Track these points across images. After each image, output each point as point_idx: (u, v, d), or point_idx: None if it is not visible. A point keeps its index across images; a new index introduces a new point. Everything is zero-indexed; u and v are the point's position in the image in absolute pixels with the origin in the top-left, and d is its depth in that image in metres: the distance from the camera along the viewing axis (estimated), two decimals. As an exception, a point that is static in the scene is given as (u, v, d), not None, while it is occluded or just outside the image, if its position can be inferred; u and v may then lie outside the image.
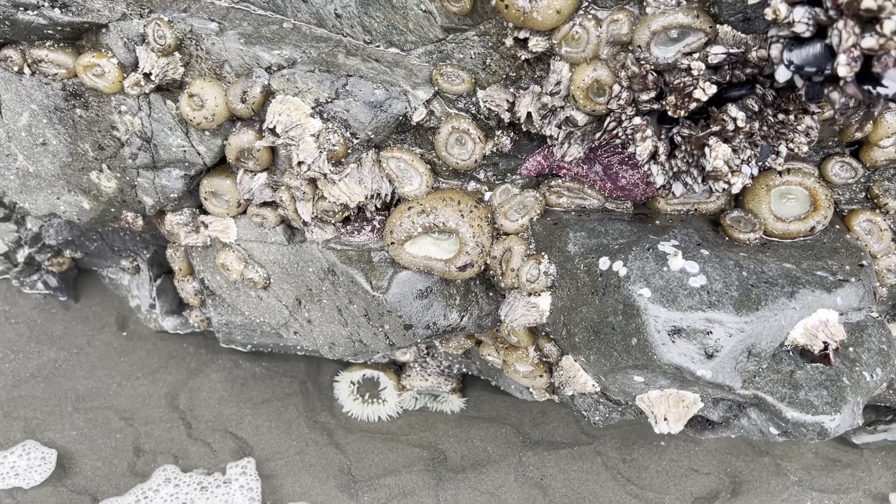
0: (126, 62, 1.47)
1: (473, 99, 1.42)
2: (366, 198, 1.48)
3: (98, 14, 1.43)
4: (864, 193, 1.46)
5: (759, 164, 1.24)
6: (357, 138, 1.41)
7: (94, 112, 1.56)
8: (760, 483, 2.04)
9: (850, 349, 1.31)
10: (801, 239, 1.40)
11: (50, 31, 1.44)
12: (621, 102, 1.21)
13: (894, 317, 1.58)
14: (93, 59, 1.46)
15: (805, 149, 1.21)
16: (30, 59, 1.49)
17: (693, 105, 1.13)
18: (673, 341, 1.24)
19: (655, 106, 1.20)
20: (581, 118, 1.32)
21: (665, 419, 1.39)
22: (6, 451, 2.11)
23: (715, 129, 1.14)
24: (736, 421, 1.43)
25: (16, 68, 1.50)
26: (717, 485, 2.05)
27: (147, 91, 1.47)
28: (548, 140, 1.41)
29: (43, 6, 1.40)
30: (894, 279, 1.47)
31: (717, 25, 1.15)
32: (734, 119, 1.13)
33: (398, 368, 2.28)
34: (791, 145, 1.21)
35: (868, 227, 1.44)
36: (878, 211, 1.45)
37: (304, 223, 1.57)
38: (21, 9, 1.39)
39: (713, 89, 1.11)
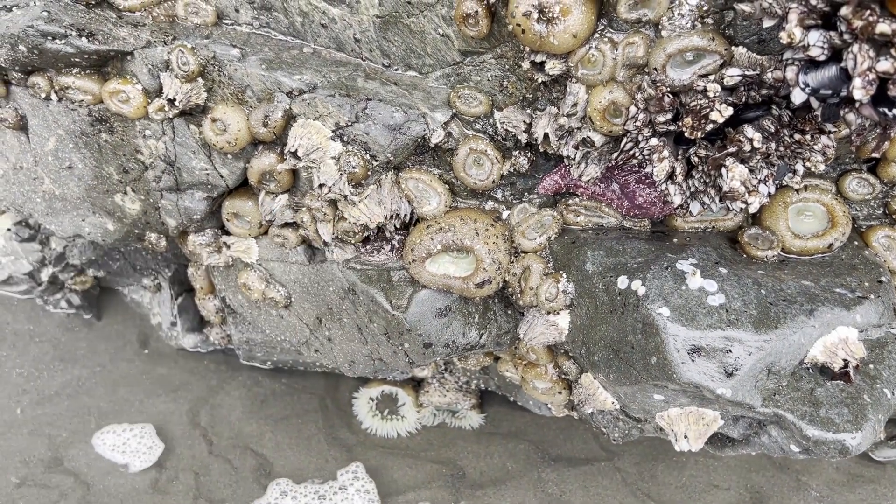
0: (150, 88, 1.50)
1: (491, 120, 1.44)
2: (385, 218, 1.50)
3: (123, 42, 1.47)
4: (882, 209, 1.46)
5: (777, 182, 1.25)
6: (376, 160, 1.43)
7: (118, 136, 1.59)
8: (781, 499, 2.03)
9: (871, 366, 1.31)
10: (820, 256, 1.41)
11: (77, 59, 1.48)
12: (638, 124, 1.23)
13: (915, 332, 1.58)
14: (118, 85, 1.49)
15: (822, 167, 1.22)
16: (57, 86, 1.52)
17: (709, 126, 1.14)
18: (692, 360, 1.25)
19: (672, 127, 1.21)
20: (598, 139, 1.33)
21: (685, 437, 1.39)
22: (131, 426, 2.24)
23: (731, 149, 1.15)
24: (756, 438, 1.43)
25: (43, 95, 1.54)
26: (738, 501, 2.04)
27: (171, 116, 1.50)
28: (565, 160, 1.43)
29: (70, 35, 1.43)
30: (914, 295, 1.46)
31: (733, 47, 1.16)
32: (750, 140, 1.14)
33: (416, 384, 2.29)
34: (808, 164, 1.22)
35: (887, 243, 1.44)
36: (896, 227, 1.45)
37: (325, 243, 1.59)
38: (49, 38, 1.43)
39: (729, 111, 1.12)
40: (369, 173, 1.44)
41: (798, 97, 1.04)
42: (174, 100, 1.46)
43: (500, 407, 2.32)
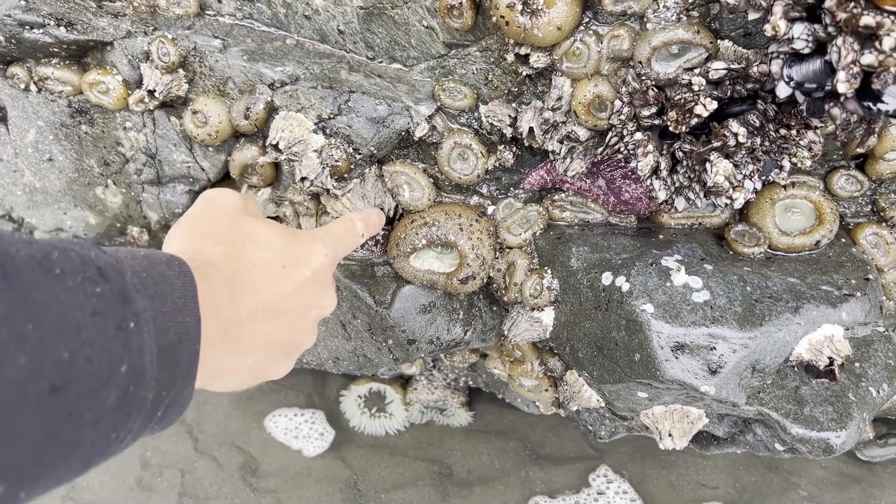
0: (130, 79, 1.48)
1: (475, 114, 1.42)
2: (369, 213, 1.48)
3: (103, 32, 1.44)
4: (870, 206, 1.45)
5: (763, 178, 1.23)
6: (360, 154, 1.41)
7: (99, 128, 1.57)
8: (770, 498, 2.02)
9: (856, 364, 1.30)
10: (807, 253, 1.39)
11: (55, 49, 1.45)
12: (622, 118, 1.21)
13: (903, 331, 1.56)
14: (98, 76, 1.47)
15: (808, 163, 1.20)
16: (36, 76, 1.50)
17: (694, 120, 1.13)
18: (676, 357, 1.23)
19: (657, 121, 1.19)
20: (583, 133, 1.32)
21: (670, 435, 1.38)
22: (303, 411, 2.28)
23: (716, 144, 1.14)
24: (741, 437, 1.41)
25: (22, 86, 1.52)
26: (726, 499, 2.03)
27: (151, 108, 1.48)
28: (550, 155, 1.41)
29: (48, 25, 1.41)
30: (901, 293, 1.45)
31: (718, 41, 1.15)
32: (735, 134, 1.13)
33: (405, 382, 2.28)
34: (794, 160, 1.20)
35: (874, 241, 1.43)
36: (884, 224, 1.44)
37: (308, 238, 1.57)
38: (27, 27, 1.41)
39: (714, 105, 1.11)
40: (352, 167, 1.43)
41: (783, 91, 1.03)
42: (154, 91, 1.44)
43: (489, 405, 2.31)
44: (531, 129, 1.38)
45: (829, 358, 1.25)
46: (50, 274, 0.57)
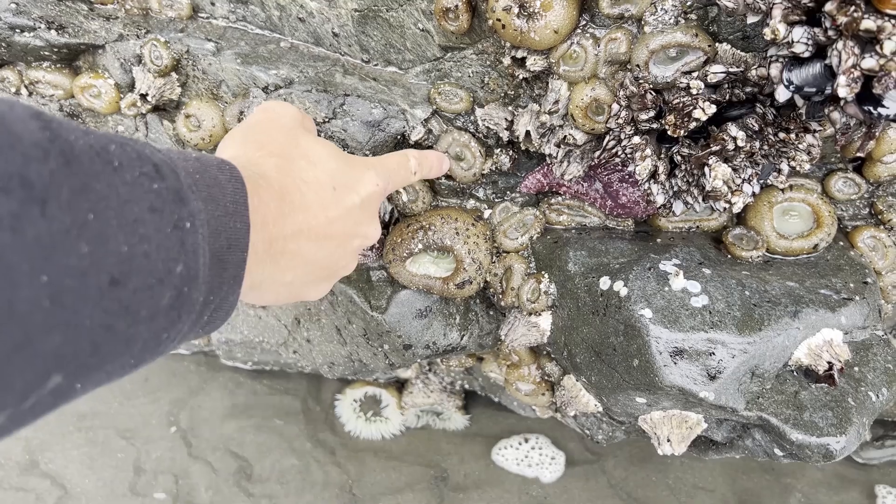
0: (123, 83, 1.46)
1: (472, 118, 1.41)
2: (364, 217, 1.47)
3: (94, 35, 1.43)
4: (868, 209, 1.45)
5: (761, 182, 1.23)
6: (355, 158, 1.39)
7: (91, 133, 1.55)
8: (766, 501, 2.01)
9: (856, 369, 1.29)
10: (805, 256, 1.38)
11: (47, 53, 1.44)
12: (620, 121, 1.20)
13: (901, 333, 1.56)
14: (89, 80, 1.45)
15: (807, 166, 1.19)
16: (27, 80, 1.49)
17: (692, 124, 1.12)
18: (675, 363, 1.22)
19: (655, 125, 1.18)
20: (580, 137, 1.30)
21: (668, 440, 1.37)
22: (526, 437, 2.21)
23: (715, 148, 1.13)
24: (740, 442, 1.40)
25: (13, 89, 1.50)
26: (723, 503, 2.03)
27: (144, 112, 1.47)
28: (547, 158, 1.40)
29: (39, 28, 1.40)
30: (900, 297, 1.45)
31: (717, 44, 1.14)
32: (734, 138, 1.12)
33: (401, 386, 2.26)
34: (793, 163, 1.20)
35: (872, 244, 1.42)
36: (882, 227, 1.43)
37: (303, 243, 1.56)
38: (17, 31, 1.39)
39: (712, 108, 1.10)
40: (347, 171, 1.41)
41: (782, 95, 1.02)
42: (147, 95, 1.42)
43: (485, 408, 2.30)
44: (528, 133, 1.37)
45: (829, 362, 1.24)
46: (109, 166, 0.56)
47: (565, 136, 1.31)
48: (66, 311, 0.50)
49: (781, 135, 1.15)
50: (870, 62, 0.88)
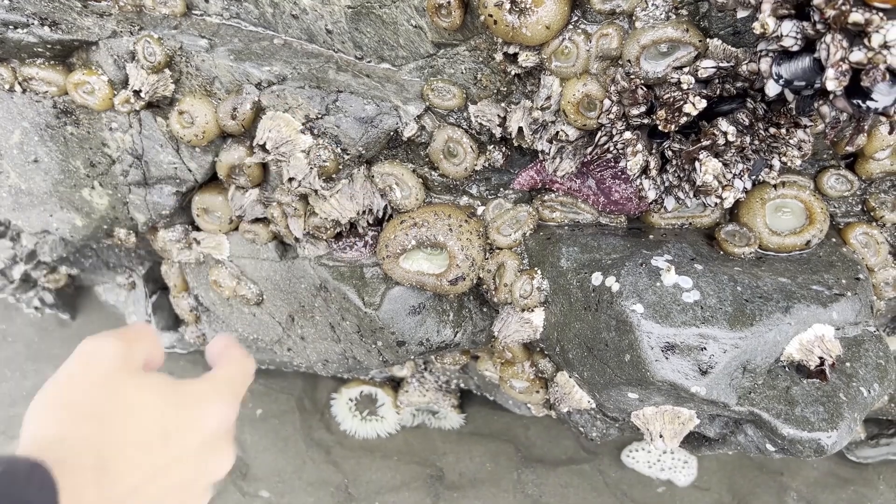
0: (116, 79, 1.46)
1: (465, 114, 1.41)
2: (357, 213, 1.47)
3: (88, 32, 1.43)
4: (860, 206, 1.45)
5: (753, 178, 1.23)
6: (348, 154, 1.40)
7: (84, 129, 1.55)
8: (763, 500, 2.01)
9: (847, 364, 1.29)
10: (797, 253, 1.39)
11: (40, 49, 1.44)
12: (611, 117, 1.20)
13: (893, 330, 1.56)
14: (83, 76, 1.45)
15: (798, 162, 1.20)
16: (20, 76, 1.49)
17: (683, 119, 1.12)
18: (666, 358, 1.22)
19: (646, 120, 1.18)
20: (572, 133, 1.31)
21: (661, 436, 1.37)
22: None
23: (705, 143, 1.13)
24: (733, 437, 1.41)
25: (7, 86, 1.50)
26: (718, 501, 2.03)
27: (137, 108, 1.47)
28: (540, 155, 1.40)
29: (32, 24, 1.40)
30: (891, 292, 1.45)
31: (707, 39, 1.14)
32: (725, 133, 1.12)
33: (396, 385, 2.26)
34: (784, 159, 1.20)
35: (864, 240, 1.43)
36: (874, 223, 1.44)
37: (296, 239, 1.56)
38: (10, 27, 1.39)
39: (703, 103, 1.10)
40: (340, 167, 1.41)
41: (772, 89, 1.02)
42: (140, 91, 1.42)
43: (481, 407, 2.30)
44: (520, 129, 1.37)
45: (820, 358, 1.24)
46: None
47: (557, 133, 1.32)
48: None
49: (772, 130, 1.15)
50: (858, 55, 0.88)
